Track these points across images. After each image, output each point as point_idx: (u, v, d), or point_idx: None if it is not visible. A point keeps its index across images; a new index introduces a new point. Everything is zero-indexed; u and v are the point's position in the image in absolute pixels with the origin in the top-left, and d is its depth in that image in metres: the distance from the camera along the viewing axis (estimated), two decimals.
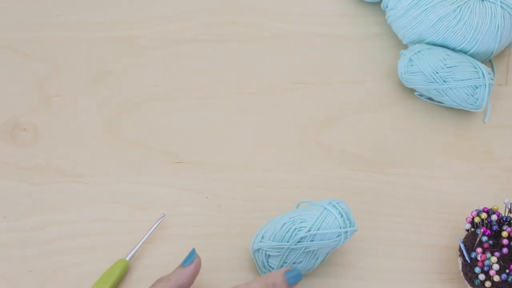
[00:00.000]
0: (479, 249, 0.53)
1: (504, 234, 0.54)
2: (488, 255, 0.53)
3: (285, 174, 0.63)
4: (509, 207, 0.55)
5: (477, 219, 0.54)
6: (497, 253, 0.53)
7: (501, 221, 0.55)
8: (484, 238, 0.54)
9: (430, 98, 0.65)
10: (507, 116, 0.65)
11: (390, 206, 0.61)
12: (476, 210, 0.55)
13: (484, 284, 0.53)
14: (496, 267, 0.52)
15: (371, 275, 0.58)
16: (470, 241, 0.55)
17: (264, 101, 0.66)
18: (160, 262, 0.59)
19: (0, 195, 0.62)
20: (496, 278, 0.52)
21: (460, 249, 0.55)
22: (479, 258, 0.53)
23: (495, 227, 0.54)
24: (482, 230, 0.54)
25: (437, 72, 0.61)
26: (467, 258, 0.54)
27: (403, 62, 0.63)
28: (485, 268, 0.53)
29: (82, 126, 0.65)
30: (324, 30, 0.70)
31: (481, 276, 0.53)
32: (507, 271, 0.53)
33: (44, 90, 0.67)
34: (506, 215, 0.55)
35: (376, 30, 0.70)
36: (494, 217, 0.54)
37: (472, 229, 0.55)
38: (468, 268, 0.54)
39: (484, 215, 0.54)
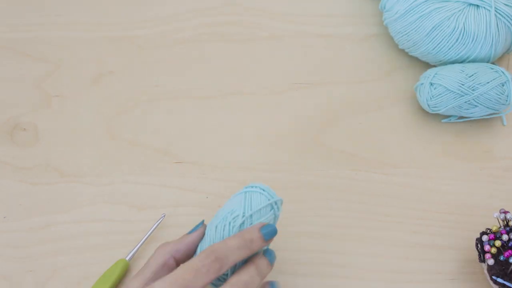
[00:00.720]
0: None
1: None
2: None
3: (285, 174, 0.63)
4: (502, 218, 0.55)
5: (493, 250, 0.54)
6: None
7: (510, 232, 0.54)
8: None
9: (459, 117, 0.65)
10: (507, 116, 0.65)
11: (390, 206, 0.61)
12: (486, 244, 0.54)
13: None
14: None
15: (371, 275, 0.58)
16: (499, 269, 0.54)
17: (264, 101, 0.66)
18: None
19: (0, 195, 0.62)
20: None
21: (498, 283, 0.54)
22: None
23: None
24: (505, 255, 0.53)
25: (463, 84, 0.61)
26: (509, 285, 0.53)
27: (425, 89, 0.62)
28: None
29: (82, 126, 0.65)
30: (324, 30, 0.70)
31: None
32: None
33: (44, 90, 0.67)
34: (508, 225, 0.55)
35: (376, 31, 0.70)
36: (505, 237, 0.53)
37: (493, 260, 0.54)
38: None
39: (498, 243, 0.53)
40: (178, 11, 0.71)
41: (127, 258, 0.57)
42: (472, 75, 0.61)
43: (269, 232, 0.50)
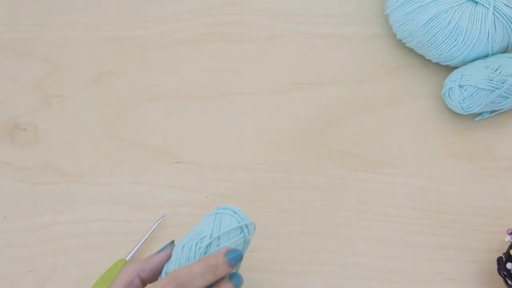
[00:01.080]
0: None
1: None
2: None
3: (285, 174, 0.63)
4: None
5: None
6: None
7: None
8: None
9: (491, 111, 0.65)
10: (507, 116, 0.65)
11: (390, 206, 0.61)
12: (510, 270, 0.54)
13: None
14: None
15: (372, 275, 0.58)
16: None
17: (264, 101, 0.66)
18: None
19: (0, 195, 0.62)
20: None
21: None
22: None
23: None
24: None
25: (491, 80, 0.61)
26: None
27: (455, 93, 0.62)
28: None
29: (82, 126, 0.65)
30: (324, 30, 0.70)
31: None
32: None
33: (44, 90, 0.67)
34: None
35: (376, 30, 0.70)
36: None
37: None
38: None
39: None
40: (178, 11, 0.71)
41: (127, 258, 0.57)
42: (497, 68, 0.61)
43: (235, 257, 0.48)
